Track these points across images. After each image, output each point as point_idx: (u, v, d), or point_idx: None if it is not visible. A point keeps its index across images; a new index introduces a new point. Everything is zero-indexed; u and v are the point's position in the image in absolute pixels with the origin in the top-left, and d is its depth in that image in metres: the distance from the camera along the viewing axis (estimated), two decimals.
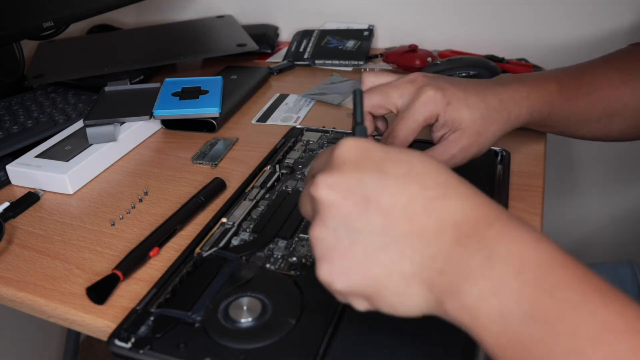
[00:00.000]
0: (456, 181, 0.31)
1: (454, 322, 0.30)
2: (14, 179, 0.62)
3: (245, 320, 0.39)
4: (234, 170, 0.62)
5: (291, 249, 0.47)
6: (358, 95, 0.38)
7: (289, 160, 0.61)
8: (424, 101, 0.48)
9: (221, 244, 0.47)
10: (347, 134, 0.61)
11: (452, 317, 0.29)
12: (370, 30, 0.97)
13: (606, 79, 0.57)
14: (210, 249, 0.47)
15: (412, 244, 0.30)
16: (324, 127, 0.67)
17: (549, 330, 0.26)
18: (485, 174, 0.55)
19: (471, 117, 0.49)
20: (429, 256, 0.30)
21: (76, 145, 0.64)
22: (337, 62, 0.91)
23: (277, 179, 0.57)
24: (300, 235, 0.48)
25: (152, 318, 0.40)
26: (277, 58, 0.97)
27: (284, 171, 0.58)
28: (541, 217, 0.52)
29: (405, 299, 0.31)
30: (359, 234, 0.31)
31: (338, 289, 0.32)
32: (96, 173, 0.63)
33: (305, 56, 0.94)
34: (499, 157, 0.58)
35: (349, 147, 0.32)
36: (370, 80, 0.51)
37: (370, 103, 0.49)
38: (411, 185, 0.30)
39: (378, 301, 0.31)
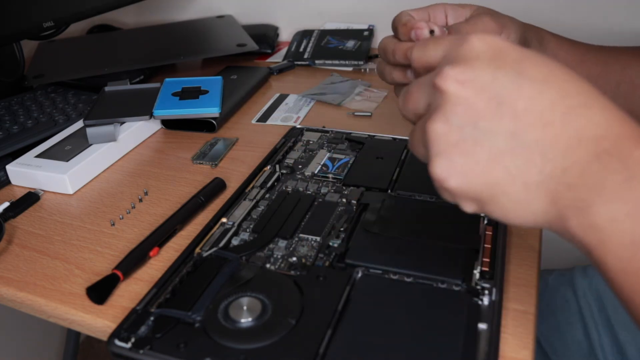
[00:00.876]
0: (599, 92, 0.29)
1: (574, 241, 0.28)
2: (14, 179, 0.62)
3: (245, 320, 0.39)
4: (234, 170, 0.62)
5: (291, 249, 0.47)
6: None
7: (289, 160, 0.61)
8: (482, 28, 0.47)
9: (221, 244, 0.47)
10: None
11: (575, 235, 0.28)
12: (370, 30, 0.97)
13: (636, 60, 0.55)
14: (210, 249, 0.47)
15: (543, 153, 0.28)
16: (324, 127, 0.67)
17: None
18: None
19: (493, 20, 0.49)
20: (561, 168, 0.28)
21: (76, 145, 0.64)
22: (337, 62, 0.91)
23: (277, 179, 0.57)
24: (300, 235, 0.48)
25: (152, 318, 0.40)
26: (277, 58, 0.97)
27: (284, 171, 0.58)
28: None
29: (524, 208, 0.29)
30: (486, 135, 0.29)
31: (452, 186, 0.30)
32: (96, 173, 0.63)
33: (305, 56, 0.94)
34: None
35: (483, 42, 0.30)
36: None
37: (424, 14, 0.47)
38: (551, 90, 0.28)
39: (492, 206, 0.30)
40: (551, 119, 0.28)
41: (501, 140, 0.28)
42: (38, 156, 0.62)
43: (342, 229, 0.49)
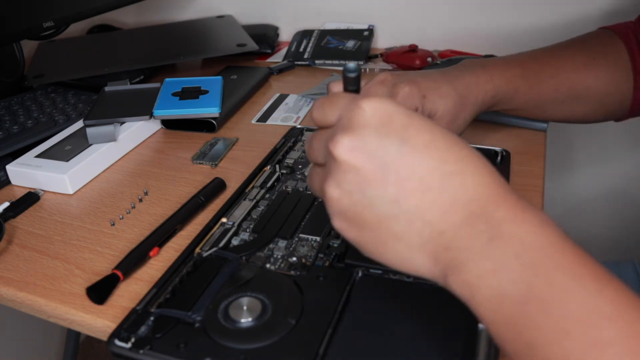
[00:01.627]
0: (475, 157, 0.32)
1: (455, 294, 0.31)
2: (14, 179, 0.62)
3: (245, 320, 0.39)
4: (234, 170, 0.62)
5: (291, 249, 0.47)
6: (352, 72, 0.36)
7: (289, 160, 0.61)
8: (403, 99, 0.49)
9: (221, 244, 0.47)
10: None
11: (453, 290, 0.31)
12: (370, 30, 0.97)
13: (571, 62, 0.59)
14: (210, 249, 0.47)
15: (422, 217, 0.31)
16: None
17: (541, 312, 0.27)
18: None
19: (445, 106, 0.52)
20: (437, 231, 0.31)
21: (76, 145, 0.64)
22: (337, 62, 0.91)
23: (277, 179, 0.57)
24: (300, 235, 0.48)
25: (152, 318, 0.40)
26: (277, 58, 0.97)
27: (284, 171, 0.58)
28: None
29: (411, 264, 0.32)
30: (373, 201, 0.32)
31: (349, 237, 0.34)
32: (96, 173, 0.63)
33: (305, 56, 0.94)
34: (499, 157, 0.58)
35: (372, 108, 0.32)
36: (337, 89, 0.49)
37: None
38: (431, 158, 0.31)
39: (383, 259, 0.33)
40: (430, 185, 0.31)
41: (386, 206, 0.31)
42: (38, 156, 0.62)
43: None
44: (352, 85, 0.36)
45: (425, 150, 0.31)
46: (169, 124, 0.73)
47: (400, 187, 0.31)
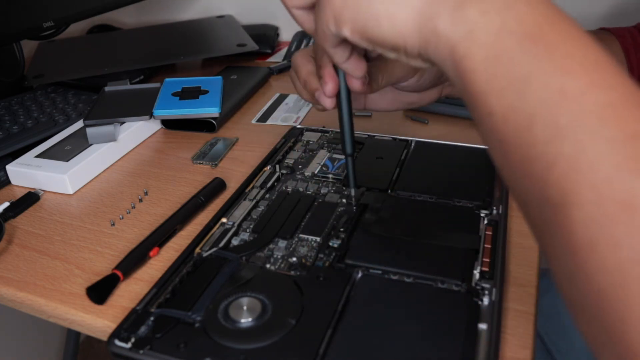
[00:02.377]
0: None
1: (434, 49, 0.29)
2: (14, 179, 0.62)
3: (245, 321, 0.39)
4: (234, 170, 0.62)
5: (291, 249, 0.47)
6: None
7: (289, 161, 0.61)
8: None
9: (221, 244, 0.47)
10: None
11: (442, 33, 0.29)
12: None
13: None
14: (210, 249, 0.47)
15: None
16: (324, 127, 0.67)
17: (545, 49, 0.26)
18: (485, 173, 0.55)
19: None
20: None
21: (76, 145, 0.64)
22: None
23: (277, 179, 0.57)
24: (300, 235, 0.48)
25: (152, 318, 0.40)
26: (277, 58, 0.97)
27: (284, 171, 0.58)
28: None
29: (396, 9, 0.30)
30: None
31: (336, 3, 0.32)
32: (96, 173, 0.63)
33: None
34: None
35: None
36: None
37: (309, 68, 0.49)
38: None
39: (367, 9, 0.31)
40: None
41: None
42: (38, 156, 0.62)
43: (342, 229, 0.49)
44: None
45: None
46: (169, 124, 0.73)
47: None
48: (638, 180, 0.23)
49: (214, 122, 0.70)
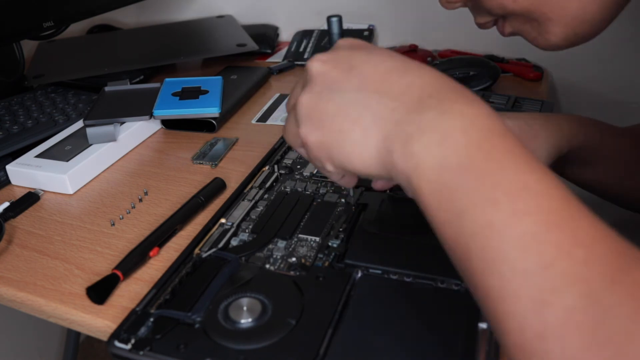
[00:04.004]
0: (429, 70, 0.35)
1: (397, 177, 0.33)
2: (14, 179, 0.62)
3: (245, 321, 0.39)
4: (234, 171, 0.62)
5: (290, 249, 0.47)
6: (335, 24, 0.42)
7: (287, 161, 0.61)
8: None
9: (220, 245, 0.47)
10: None
11: (398, 165, 0.32)
12: (370, 30, 0.97)
13: None
14: (209, 249, 0.47)
15: (378, 99, 0.34)
16: None
17: (476, 181, 0.29)
18: None
19: (514, 123, 0.49)
20: (390, 108, 0.33)
21: (76, 145, 0.64)
22: None
23: (276, 180, 0.57)
24: (300, 235, 0.48)
25: (151, 319, 0.40)
26: (277, 58, 0.97)
27: (283, 171, 0.58)
28: None
29: (362, 149, 0.34)
30: (337, 93, 0.35)
31: (312, 141, 0.36)
32: (96, 173, 0.63)
33: (305, 56, 0.94)
34: None
35: (346, 40, 0.38)
36: None
37: None
38: (393, 61, 0.35)
39: (340, 154, 0.35)
40: (390, 77, 0.34)
41: (348, 94, 0.35)
42: (38, 156, 0.62)
43: (341, 229, 0.49)
44: (337, 30, 0.42)
45: (389, 57, 0.35)
46: (169, 124, 0.73)
47: (363, 78, 0.34)
48: (547, 310, 0.26)
49: (214, 122, 0.70)
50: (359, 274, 0.43)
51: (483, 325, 0.38)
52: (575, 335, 0.25)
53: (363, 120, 0.34)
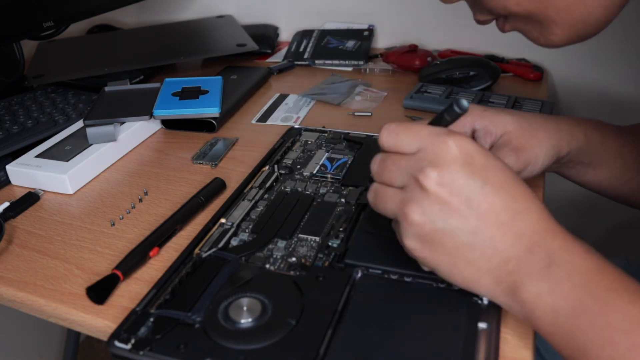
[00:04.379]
0: (533, 195, 0.37)
1: (510, 308, 0.37)
2: (14, 179, 0.62)
3: (245, 321, 0.39)
4: (234, 170, 0.62)
5: (290, 249, 0.47)
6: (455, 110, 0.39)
7: (287, 161, 0.61)
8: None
9: (220, 245, 0.47)
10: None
11: (513, 309, 0.36)
12: (370, 30, 0.97)
13: None
14: (209, 249, 0.47)
15: (494, 246, 0.36)
16: (324, 127, 0.67)
17: (589, 323, 0.33)
18: None
19: (513, 119, 0.49)
20: (504, 259, 0.36)
21: (76, 145, 0.64)
22: (337, 62, 0.91)
23: (276, 179, 0.57)
24: (300, 235, 0.48)
25: (151, 319, 0.40)
26: (277, 58, 0.97)
27: (283, 171, 0.58)
28: None
29: (476, 285, 0.37)
30: (454, 229, 0.36)
31: (421, 256, 0.38)
32: (96, 173, 0.63)
33: (305, 56, 0.94)
34: None
35: (457, 147, 0.36)
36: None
37: None
38: (505, 196, 0.36)
39: (449, 277, 0.38)
40: (504, 220, 0.36)
41: (465, 236, 0.36)
42: (38, 156, 0.62)
43: (341, 229, 0.49)
44: (452, 119, 0.39)
45: (502, 190, 0.36)
46: (169, 124, 0.73)
47: (480, 220, 0.36)
48: None
49: (214, 122, 0.70)
50: (359, 274, 0.43)
51: (483, 325, 0.38)
52: None
53: (479, 264, 0.36)
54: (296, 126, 0.68)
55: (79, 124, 0.70)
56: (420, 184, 0.36)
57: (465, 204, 0.36)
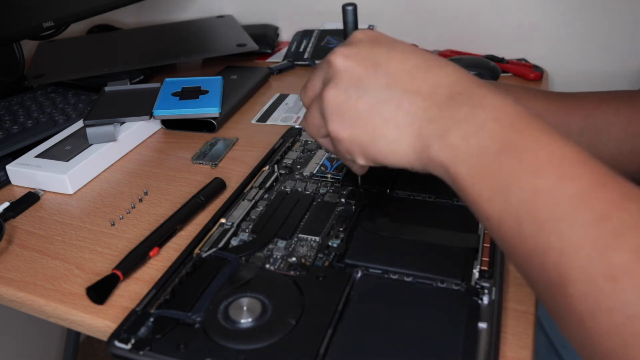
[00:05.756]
0: (451, 62, 0.37)
1: (433, 168, 0.35)
2: (14, 179, 0.62)
3: (245, 321, 0.39)
4: (234, 170, 0.62)
5: (290, 249, 0.47)
6: (350, 13, 0.43)
7: (287, 161, 0.61)
8: None
9: (220, 245, 0.47)
10: None
11: (435, 159, 0.34)
12: None
13: (598, 98, 0.54)
14: (209, 249, 0.47)
15: (409, 99, 0.36)
16: None
17: (516, 157, 0.31)
18: None
19: None
20: (422, 108, 0.35)
21: (76, 145, 0.64)
22: None
23: (276, 179, 0.57)
24: (300, 235, 0.48)
25: (151, 319, 0.40)
26: (277, 58, 0.97)
27: (282, 171, 0.58)
28: None
29: (397, 146, 0.36)
30: (366, 91, 0.37)
31: (344, 136, 0.38)
32: (96, 173, 0.63)
33: (305, 56, 0.94)
34: None
35: (363, 32, 0.39)
36: None
37: None
38: (416, 57, 0.37)
39: (373, 150, 0.37)
40: (416, 75, 0.36)
41: (378, 92, 0.36)
42: (38, 156, 0.62)
43: (341, 229, 0.49)
44: (351, 19, 0.42)
45: (411, 53, 0.37)
46: (169, 124, 0.73)
47: (390, 77, 0.36)
48: (613, 254, 0.27)
49: (214, 122, 0.70)
50: (359, 274, 0.43)
51: (483, 325, 0.38)
52: None
53: (396, 119, 0.36)
54: (296, 126, 0.68)
55: (79, 124, 0.70)
56: (330, 62, 0.38)
57: (373, 67, 0.37)
